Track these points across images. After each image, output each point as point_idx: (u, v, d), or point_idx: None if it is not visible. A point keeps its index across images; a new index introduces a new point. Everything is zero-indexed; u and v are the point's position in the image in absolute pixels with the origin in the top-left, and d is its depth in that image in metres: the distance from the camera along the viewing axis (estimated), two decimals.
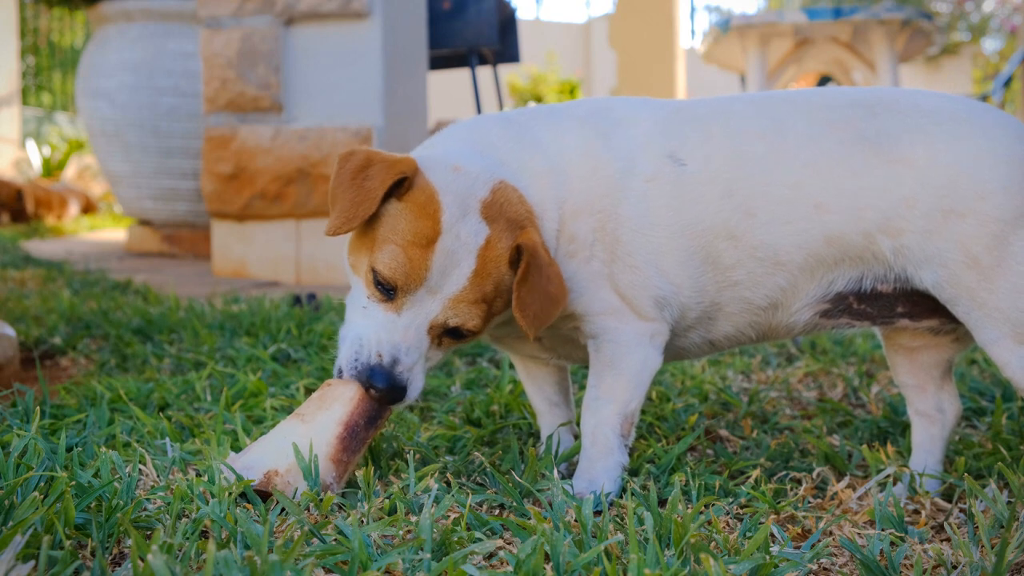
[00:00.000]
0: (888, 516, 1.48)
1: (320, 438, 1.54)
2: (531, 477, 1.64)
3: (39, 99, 15.61)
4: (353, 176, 1.55)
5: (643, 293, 1.66)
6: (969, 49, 15.70)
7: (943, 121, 1.58)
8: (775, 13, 7.17)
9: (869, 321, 1.68)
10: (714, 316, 1.71)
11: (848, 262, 1.62)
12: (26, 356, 2.78)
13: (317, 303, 3.49)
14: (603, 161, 1.66)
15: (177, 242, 6.43)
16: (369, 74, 4.92)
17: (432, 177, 1.56)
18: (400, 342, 1.55)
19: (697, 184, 1.64)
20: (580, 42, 18.86)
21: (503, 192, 1.59)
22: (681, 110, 1.73)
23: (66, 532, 1.32)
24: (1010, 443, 1.91)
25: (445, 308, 1.55)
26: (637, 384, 1.68)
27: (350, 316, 1.62)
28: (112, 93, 6.16)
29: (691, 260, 1.65)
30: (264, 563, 1.09)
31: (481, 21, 6.13)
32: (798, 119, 1.65)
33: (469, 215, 1.55)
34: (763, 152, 1.64)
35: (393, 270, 1.52)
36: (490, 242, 1.55)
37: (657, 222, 1.64)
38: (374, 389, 1.54)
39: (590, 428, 1.67)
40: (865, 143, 1.59)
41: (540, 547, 1.21)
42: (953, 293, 1.55)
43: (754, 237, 1.63)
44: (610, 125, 1.70)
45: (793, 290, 1.66)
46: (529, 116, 1.74)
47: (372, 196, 1.52)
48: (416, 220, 1.53)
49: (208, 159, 5.05)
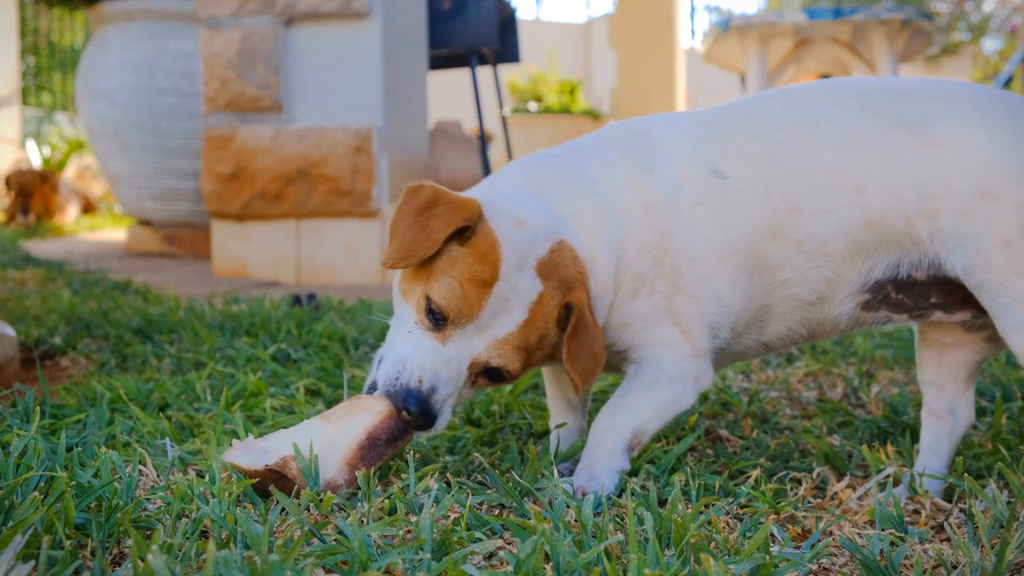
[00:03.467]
0: (888, 516, 1.48)
1: (341, 440, 1.55)
2: (531, 477, 1.64)
3: (39, 99, 15.61)
4: (418, 213, 1.56)
5: (701, 322, 1.70)
6: (969, 49, 15.70)
7: (979, 108, 1.61)
8: (775, 13, 7.17)
9: (907, 314, 1.70)
10: (765, 318, 1.74)
11: (886, 247, 1.64)
12: (26, 356, 2.78)
13: (317, 303, 3.49)
14: (652, 195, 1.69)
15: (177, 242, 6.43)
16: (369, 74, 4.92)
17: (496, 226, 1.59)
18: (441, 371, 1.57)
19: (740, 193, 1.67)
20: (580, 42, 18.86)
21: (560, 252, 1.62)
22: (713, 121, 1.75)
23: (66, 532, 1.32)
24: (1010, 443, 1.91)
25: (489, 348, 1.58)
26: (663, 413, 1.71)
27: (393, 337, 1.64)
28: (112, 93, 6.16)
29: (741, 274, 1.69)
30: (264, 563, 1.09)
31: (481, 21, 6.13)
32: (831, 108, 1.68)
33: (526, 270, 1.58)
34: (797, 144, 1.67)
35: (448, 300, 1.55)
36: (542, 298, 1.59)
37: (709, 246, 1.68)
38: (407, 412, 1.55)
39: (601, 429, 1.69)
40: (902, 127, 1.62)
41: (540, 547, 1.21)
42: (983, 278, 1.57)
43: (799, 231, 1.65)
44: (651, 153, 1.72)
45: (837, 280, 1.68)
46: (577, 156, 1.76)
47: (434, 238, 1.54)
48: (476, 264, 1.56)
49: (208, 159, 5.05)
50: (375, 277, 4.92)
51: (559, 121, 9.82)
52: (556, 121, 9.82)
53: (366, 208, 4.90)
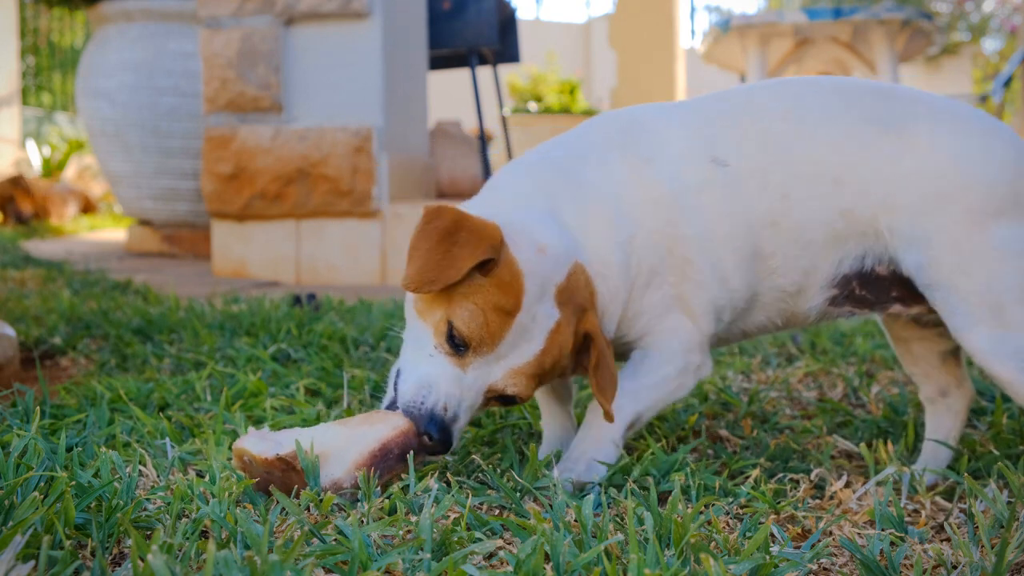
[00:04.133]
0: (888, 516, 1.48)
1: (354, 445, 1.56)
2: (531, 477, 1.64)
3: (39, 99, 15.60)
4: (440, 239, 1.55)
5: (709, 307, 1.74)
6: (969, 49, 15.69)
7: (947, 116, 1.69)
8: (775, 13, 7.17)
9: (868, 308, 1.76)
10: (751, 307, 1.78)
11: (854, 239, 1.70)
12: (26, 356, 2.78)
13: (317, 303, 3.49)
14: (655, 187, 1.71)
15: (177, 242, 6.43)
16: (369, 74, 4.92)
17: (518, 255, 1.59)
18: (464, 400, 1.58)
19: (740, 180, 1.71)
20: (580, 42, 18.85)
21: (575, 277, 1.63)
22: (707, 109, 1.78)
23: (66, 532, 1.32)
24: (1010, 443, 1.91)
25: (505, 376, 1.59)
26: (662, 401, 1.76)
27: (413, 358, 1.62)
28: (112, 93, 6.16)
29: (743, 260, 1.72)
30: (264, 563, 1.09)
31: (481, 21, 6.13)
32: (816, 99, 1.73)
33: (545, 298, 1.60)
34: (787, 132, 1.71)
35: (471, 329, 1.55)
36: (560, 326, 1.60)
37: (715, 232, 1.71)
38: (428, 436, 1.56)
39: (599, 416, 1.70)
40: (877, 123, 1.68)
41: (540, 547, 1.21)
42: (934, 277, 1.63)
43: (789, 219, 1.70)
44: (648, 144, 1.74)
45: (814, 271, 1.73)
46: (577, 158, 1.76)
47: (458, 267, 1.53)
48: (499, 295, 1.56)
49: (208, 159, 5.05)
50: (375, 277, 4.92)
51: (559, 121, 9.82)
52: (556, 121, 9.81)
53: (366, 208, 4.90)
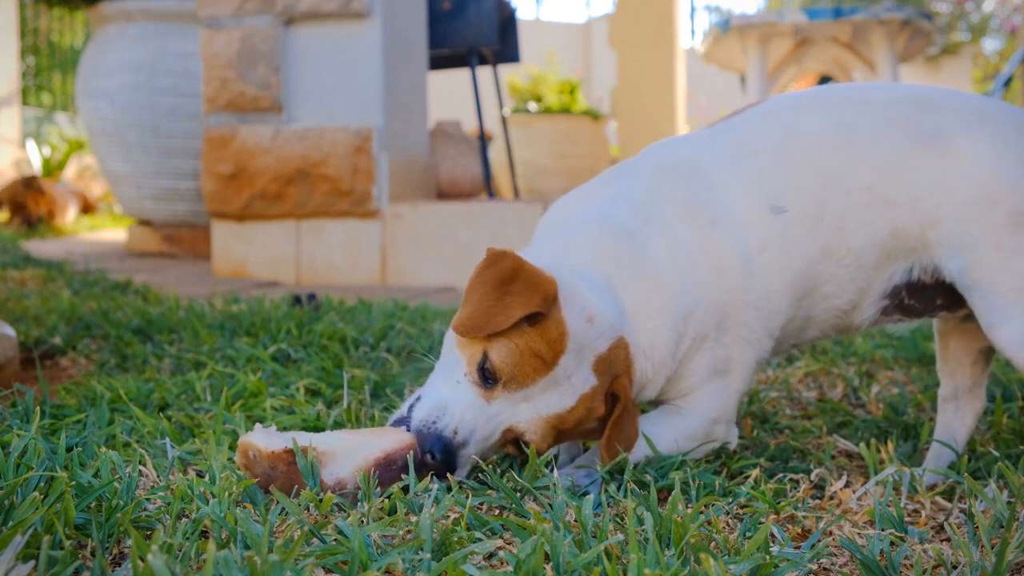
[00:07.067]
0: (888, 516, 1.48)
1: (360, 450, 1.57)
2: (531, 477, 1.64)
3: (39, 99, 15.60)
4: (496, 285, 1.57)
5: (753, 364, 1.77)
6: (969, 49, 15.68)
7: (984, 120, 1.71)
8: (775, 13, 7.16)
9: (916, 316, 1.81)
10: (805, 327, 1.81)
11: (904, 254, 1.73)
12: (26, 356, 2.78)
13: (317, 303, 3.49)
14: (722, 255, 1.72)
15: (177, 242, 6.42)
16: (369, 74, 4.92)
17: (567, 316, 1.60)
18: (479, 429, 1.58)
19: (797, 223, 1.72)
20: (580, 42, 18.85)
21: (616, 351, 1.65)
22: (756, 145, 1.77)
23: (66, 532, 1.32)
24: (1010, 443, 1.91)
25: (530, 420, 1.60)
26: (684, 451, 1.76)
27: (437, 383, 1.64)
28: (112, 93, 6.16)
29: (792, 303, 1.75)
30: (264, 563, 1.09)
31: (481, 21, 6.13)
32: (862, 119, 1.74)
33: (584, 364, 1.61)
34: (839, 162, 1.73)
35: (505, 362, 1.57)
36: (594, 391, 1.62)
37: (773, 290, 1.73)
38: (430, 455, 1.56)
39: None
40: (922, 139, 1.71)
41: (540, 547, 1.21)
42: (975, 278, 1.66)
43: (844, 248, 1.72)
44: (709, 203, 1.74)
45: (868, 289, 1.76)
46: (642, 222, 1.74)
47: (508, 315, 1.55)
48: (541, 344, 1.57)
49: (208, 159, 5.05)
50: (375, 277, 4.92)
51: (559, 121, 9.81)
52: (556, 121, 9.80)
53: (366, 208, 4.90)
